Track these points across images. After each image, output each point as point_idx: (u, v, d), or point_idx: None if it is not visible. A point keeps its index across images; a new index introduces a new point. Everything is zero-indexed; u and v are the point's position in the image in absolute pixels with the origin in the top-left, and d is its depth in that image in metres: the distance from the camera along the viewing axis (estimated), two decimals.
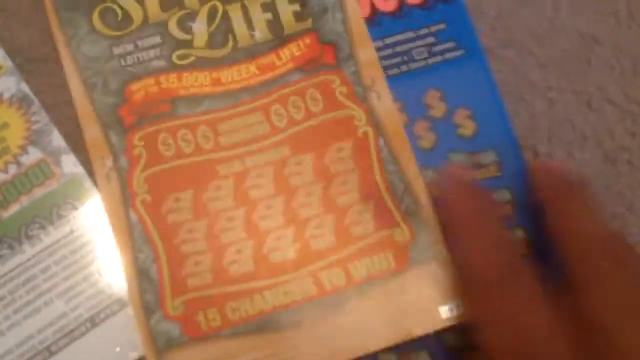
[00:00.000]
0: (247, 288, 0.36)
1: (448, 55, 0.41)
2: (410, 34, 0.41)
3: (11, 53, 0.39)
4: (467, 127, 0.40)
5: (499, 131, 0.40)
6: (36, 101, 0.38)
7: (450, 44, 0.41)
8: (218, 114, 0.38)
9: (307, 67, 0.39)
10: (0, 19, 0.40)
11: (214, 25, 0.39)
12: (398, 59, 0.40)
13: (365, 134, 0.39)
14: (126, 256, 0.36)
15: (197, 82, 0.39)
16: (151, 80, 0.38)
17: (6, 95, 0.38)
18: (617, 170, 0.41)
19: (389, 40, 0.41)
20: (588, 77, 0.42)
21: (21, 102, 0.38)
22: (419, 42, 0.41)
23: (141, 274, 0.36)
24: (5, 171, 0.37)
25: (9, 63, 0.38)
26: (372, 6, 0.41)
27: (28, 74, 0.39)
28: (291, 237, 0.37)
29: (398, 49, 0.41)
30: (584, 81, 0.41)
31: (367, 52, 0.40)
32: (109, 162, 0.37)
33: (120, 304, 0.36)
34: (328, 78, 0.39)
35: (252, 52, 0.39)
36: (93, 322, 0.36)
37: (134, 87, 0.38)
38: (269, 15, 0.40)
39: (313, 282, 0.37)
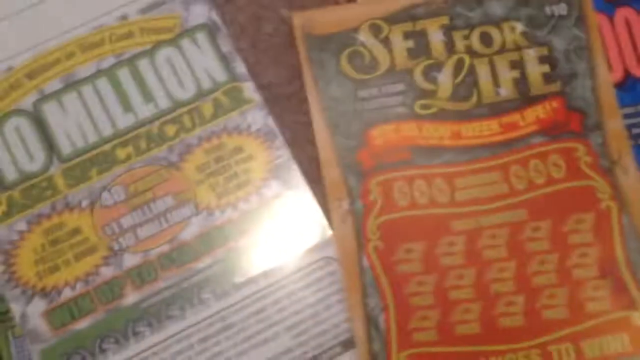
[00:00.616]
0: (472, 351, 0.36)
1: None
2: None
3: (260, 88, 0.41)
4: None
5: None
6: (280, 136, 0.39)
7: None
8: (456, 169, 0.38)
9: (552, 131, 0.38)
10: (251, 54, 0.41)
11: (459, 78, 0.39)
12: None
13: (609, 208, 0.37)
14: (356, 300, 0.37)
15: (437, 133, 0.39)
16: (392, 127, 0.39)
17: (254, 128, 0.39)
18: None
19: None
20: None
21: (266, 135, 0.39)
22: None
23: (369, 321, 0.37)
24: (247, 201, 0.39)
25: (258, 97, 0.40)
26: (625, 71, 0.39)
27: (275, 109, 0.40)
28: (522, 305, 0.36)
29: None
30: None
31: (615, 123, 0.38)
32: (346, 205, 0.38)
33: (344, 346, 0.37)
34: (573, 145, 0.38)
35: (496, 109, 0.39)
36: None
37: (375, 132, 0.39)
38: (516, 73, 0.39)
39: (540, 355, 0.36)
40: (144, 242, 0.38)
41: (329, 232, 0.38)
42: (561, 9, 0.39)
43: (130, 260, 0.38)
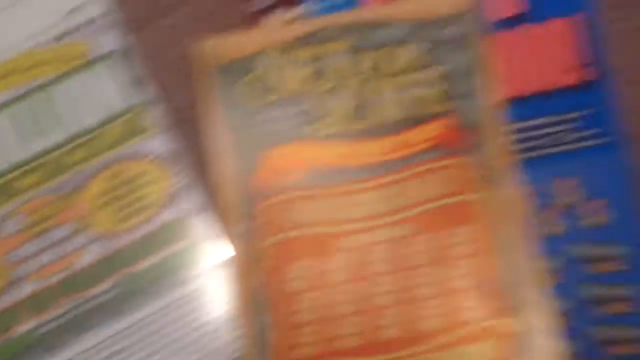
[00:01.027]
0: None
1: (588, 143, 0.40)
2: (553, 118, 0.40)
3: (168, 112, 0.42)
4: (600, 219, 0.39)
5: (632, 225, 0.39)
6: (182, 161, 0.41)
7: (592, 132, 0.40)
8: (348, 187, 0.39)
9: (441, 148, 0.39)
10: (159, 80, 0.43)
11: (357, 100, 0.40)
12: (535, 143, 0.40)
13: (489, 220, 0.38)
14: (247, 320, 0.38)
15: (333, 153, 0.40)
16: (288, 149, 0.40)
17: (156, 153, 0.41)
18: None
19: (528, 124, 0.40)
20: None
21: (168, 160, 0.41)
22: (560, 127, 0.40)
23: (258, 339, 0.38)
24: (147, 225, 0.40)
25: (162, 122, 0.41)
26: (517, 87, 0.41)
27: (180, 133, 0.42)
28: (402, 316, 0.38)
29: (537, 132, 0.40)
30: None
31: (501, 139, 0.39)
32: (241, 227, 0.39)
33: None
34: (460, 161, 0.39)
35: (388, 130, 0.40)
36: None
37: (271, 154, 0.40)
38: (408, 95, 0.40)
39: None
40: (43, 269, 0.39)
41: (225, 254, 0.40)
42: (455, 31, 0.41)
43: (28, 288, 0.39)
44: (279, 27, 0.41)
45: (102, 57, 0.41)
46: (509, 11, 0.41)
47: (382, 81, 0.40)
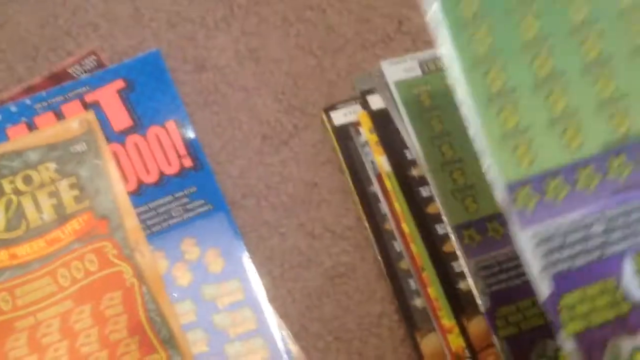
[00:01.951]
0: None
1: (200, 210, 0.53)
2: (169, 198, 0.53)
3: None
4: (217, 264, 0.52)
5: (242, 264, 0.52)
6: None
7: (201, 202, 0.53)
8: (15, 282, 0.49)
9: (85, 237, 0.51)
10: None
11: (10, 213, 0.51)
12: (160, 218, 0.53)
13: (132, 284, 0.50)
14: None
15: (2, 258, 0.50)
16: None
17: None
18: (335, 283, 0.53)
19: (152, 205, 0.53)
20: (310, 213, 0.55)
21: None
22: (176, 203, 0.53)
23: None
24: None
25: None
26: (138, 179, 0.53)
27: None
28: None
29: (159, 210, 0.53)
30: (307, 216, 0.54)
31: (131, 221, 0.52)
32: None
33: None
34: (103, 244, 0.51)
35: (41, 231, 0.51)
36: None
37: None
38: (54, 201, 0.52)
39: None
40: None
41: None
42: (82, 146, 0.53)
43: None
44: None
45: None
46: (120, 126, 0.54)
47: (29, 195, 0.52)
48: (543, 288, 0.38)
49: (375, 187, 0.54)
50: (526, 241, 0.39)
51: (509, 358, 0.49)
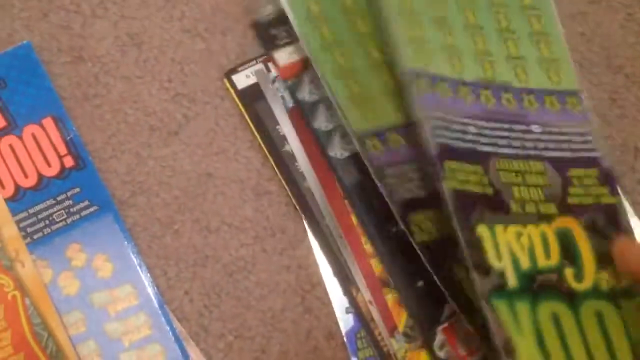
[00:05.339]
0: None
1: (84, 212, 0.49)
2: (50, 201, 0.49)
3: None
4: (106, 269, 0.49)
5: (134, 266, 0.49)
6: None
7: (85, 203, 0.50)
8: None
9: None
10: None
11: None
12: (42, 224, 0.49)
13: (14, 297, 0.46)
14: None
15: None
16: None
17: None
18: (235, 279, 0.50)
19: (32, 210, 0.49)
20: (204, 207, 0.51)
21: None
22: (58, 207, 0.49)
23: None
24: None
25: None
26: (15, 184, 0.50)
27: None
28: None
29: (41, 215, 0.49)
30: (202, 210, 0.51)
31: (9, 229, 0.48)
32: None
33: None
34: None
35: None
36: None
37: None
38: None
39: None
40: None
41: None
42: None
43: None
44: None
45: None
46: None
47: None
48: (431, 148, 0.46)
49: (286, 130, 0.53)
50: (420, 110, 0.48)
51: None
